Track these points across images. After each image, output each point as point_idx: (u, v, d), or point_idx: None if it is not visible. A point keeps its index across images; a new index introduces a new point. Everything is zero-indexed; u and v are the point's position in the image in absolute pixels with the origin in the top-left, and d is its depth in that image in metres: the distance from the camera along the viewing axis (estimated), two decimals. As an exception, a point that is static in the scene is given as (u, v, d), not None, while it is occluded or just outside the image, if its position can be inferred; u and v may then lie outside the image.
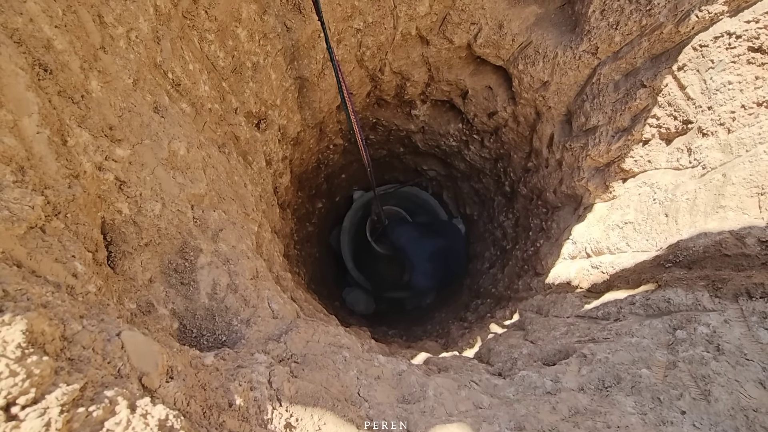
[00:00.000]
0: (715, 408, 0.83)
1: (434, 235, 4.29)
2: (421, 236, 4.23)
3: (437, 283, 4.26)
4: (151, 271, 1.04)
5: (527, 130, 2.91)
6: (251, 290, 1.20)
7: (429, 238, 4.23)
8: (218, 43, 1.57)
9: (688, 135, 1.73)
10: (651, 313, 1.35)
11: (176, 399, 0.58)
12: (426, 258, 4.13)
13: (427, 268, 4.15)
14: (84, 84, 0.88)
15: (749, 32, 1.44)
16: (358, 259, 4.96)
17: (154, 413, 0.49)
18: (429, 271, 4.15)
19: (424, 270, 4.14)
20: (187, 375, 0.63)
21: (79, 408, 0.43)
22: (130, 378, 0.53)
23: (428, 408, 0.98)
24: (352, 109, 1.97)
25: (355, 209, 4.92)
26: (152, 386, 0.56)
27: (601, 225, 2.15)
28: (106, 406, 0.45)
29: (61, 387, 0.42)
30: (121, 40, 1.07)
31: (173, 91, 1.35)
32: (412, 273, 4.17)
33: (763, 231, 1.21)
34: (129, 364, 0.54)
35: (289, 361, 0.99)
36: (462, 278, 4.34)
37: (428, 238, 4.22)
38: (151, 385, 0.55)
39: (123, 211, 0.98)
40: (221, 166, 1.53)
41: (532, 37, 2.32)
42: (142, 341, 0.58)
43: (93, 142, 0.88)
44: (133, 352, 0.56)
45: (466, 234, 4.59)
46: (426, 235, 4.25)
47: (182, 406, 0.58)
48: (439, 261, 4.17)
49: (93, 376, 0.47)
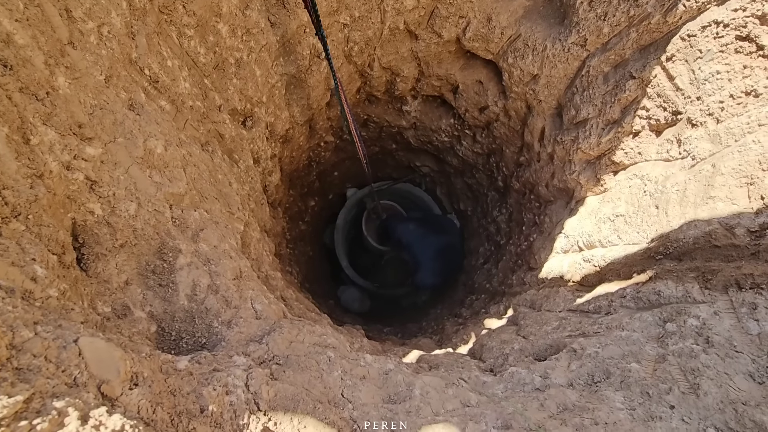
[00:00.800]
0: (704, 402, 0.82)
1: (435, 230, 4.26)
2: (423, 232, 4.20)
3: (442, 278, 4.22)
4: (128, 273, 1.01)
5: (518, 124, 2.89)
6: (233, 291, 1.17)
7: (431, 234, 4.20)
8: (198, 39, 1.53)
9: (677, 126, 1.71)
10: (642, 305, 1.34)
11: (140, 407, 0.55)
12: (431, 254, 4.10)
13: (433, 265, 4.12)
14: (49, 80, 0.85)
15: (736, 21, 1.43)
16: (353, 257, 4.94)
17: (109, 424, 0.46)
18: (435, 268, 4.12)
19: (430, 267, 4.11)
20: (154, 381, 0.60)
21: (22, 421, 0.40)
22: (88, 386, 0.50)
23: (414, 408, 0.96)
24: (345, 98, 1.89)
25: (349, 207, 4.88)
26: (113, 394, 0.53)
27: (592, 218, 2.13)
28: (53, 418, 0.42)
29: (2, 399, 0.39)
30: (91, 35, 1.03)
31: (151, 89, 1.31)
32: (418, 270, 4.13)
33: (752, 221, 1.20)
34: (87, 372, 0.51)
35: (270, 362, 0.97)
36: (458, 274, 4.33)
37: (430, 234, 4.19)
38: (111, 393, 0.53)
39: (95, 211, 0.95)
40: (203, 164, 1.50)
41: (521, 29, 2.29)
42: (103, 347, 0.55)
43: (60, 141, 0.85)
44: (92, 359, 0.53)
45: (461, 229, 4.57)
46: (427, 231, 4.22)
47: (147, 413, 0.55)
48: (443, 257, 4.15)
49: (42, 387, 0.44)
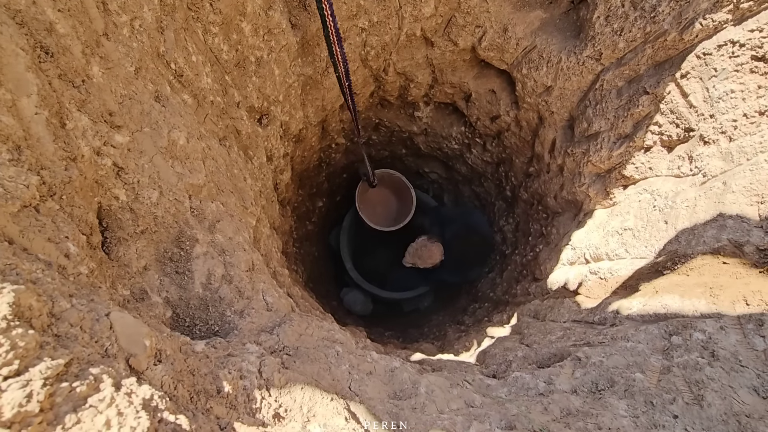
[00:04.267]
0: (707, 413, 0.82)
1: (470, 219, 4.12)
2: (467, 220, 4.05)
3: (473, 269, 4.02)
4: (146, 259, 1.04)
5: (529, 134, 2.91)
6: (246, 282, 1.19)
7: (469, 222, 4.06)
8: (222, 36, 1.57)
9: (689, 143, 1.72)
10: (647, 318, 1.35)
11: (163, 382, 0.57)
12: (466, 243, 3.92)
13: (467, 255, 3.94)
14: (85, 69, 0.89)
15: (753, 41, 1.44)
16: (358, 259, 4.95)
17: (139, 393, 0.48)
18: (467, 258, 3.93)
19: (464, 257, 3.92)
20: (175, 360, 0.63)
21: (63, 383, 0.43)
22: (117, 358, 0.53)
23: (419, 405, 0.97)
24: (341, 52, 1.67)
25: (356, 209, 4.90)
26: (139, 368, 0.55)
27: (600, 231, 2.14)
28: (90, 383, 0.44)
29: (46, 361, 0.42)
30: (124, 28, 1.07)
31: (175, 82, 1.35)
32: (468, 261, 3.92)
33: (761, 239, 1.21)
34: (117, 345, 0.54)
35: (281, 352, 0.99)
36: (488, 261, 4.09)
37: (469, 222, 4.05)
38: (138, 366, 0.55)
39: (120, 197, 0.98)
40: (221, 158, 1.54)
41: (537, 41, 2.32)
42: (132, 323, 0.58)
43: (92, 127, 0.88)
44: (122, 333, 0.55)
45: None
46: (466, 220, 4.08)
47: (169, 389, 0.58)
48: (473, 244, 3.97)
49: (79, 354, 0.47)
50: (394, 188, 4.34)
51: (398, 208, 4.41)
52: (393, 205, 4.47)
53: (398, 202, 4.42)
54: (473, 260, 3.99)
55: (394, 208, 4.46)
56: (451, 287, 4.46)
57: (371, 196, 4.30)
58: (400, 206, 4.39)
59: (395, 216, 4.35)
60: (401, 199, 4.36)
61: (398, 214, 4.30)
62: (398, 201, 4.42)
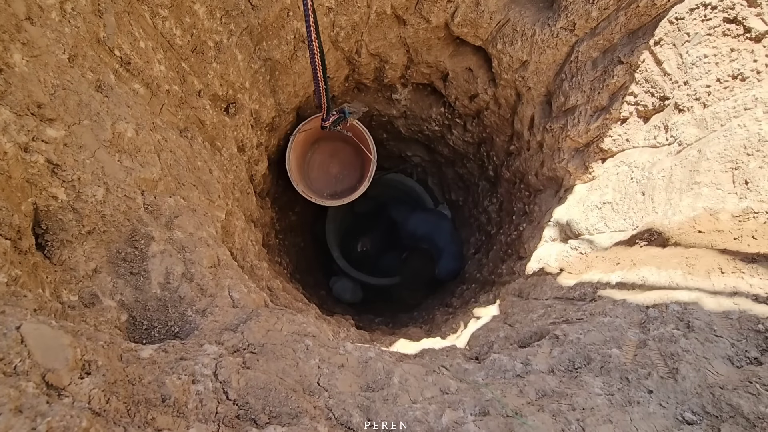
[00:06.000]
0: (682, 386, 0.81)
1: (428, 221, 4.14)
2: (435, 220, 4.04)
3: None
4: (96, 261, 0.98)
5: (508, 112, 2.86)
6: (209, 279, 1.14)
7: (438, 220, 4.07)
8: (173, 20, 1.48)
9: (665, 112, 1.69)
10: (625, 292, 1.33)
11: (91, 396, 0.53)
12: (450, 240, 3.93)
13: (455, 250, 3.94)
14: (2, 56, 0.81)
15: (725, 2, 1.40)
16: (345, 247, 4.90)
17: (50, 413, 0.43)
18: (457, 253, 3.93)
19: (453, 252, 3.93)
20: (109, 369, 0.58)
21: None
22: (30, 375, 0.48)
23: (391, 395, 0.94)
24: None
25: (340, 198, 4.83)
26: (60, 383, 0.50)
27: (580, 206, 2.12)
28: (-19, 408, 0.39)
29: None
30: (52, 11, 0.98)
31: (122, 70, 1.26)
32: (443, 258, 3.92)
33: (736, 205, 1.19)
34: (29, 360, 0.49)
35: (244, 351, 0.94)
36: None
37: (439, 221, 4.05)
38: (58, 382, 0.50)
39: (59, 196, 0.91)
40: (181, 150, 1.46)
41: (510, 14, 2.25)
42: (50, 334, 0.52)
43: (16, 121, 0.81)
44: (36, 346, 0.50)
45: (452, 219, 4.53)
46: (435, 218, 4.08)
47: (99, 403, 0.53)
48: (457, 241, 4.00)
49: (-27, 375, 0.42)
50: (349, 142, 3.29)
51: (350, 171, 3.35)
52: (347, 166, 3.36)
53: (353, 161, 3.37)
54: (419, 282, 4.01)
55: (347, 170, 3.35)
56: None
57: (321, 150, 3.27)
58: (352, 167, 3.34)
59: (346, 180, 3.29)
60: (355, 159, 3.33)
61: (349, 178, 3.27)
62: (353, 160, 3.37)
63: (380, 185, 4.80)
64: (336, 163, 3.46)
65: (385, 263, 4.68)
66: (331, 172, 3.46)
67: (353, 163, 3.57)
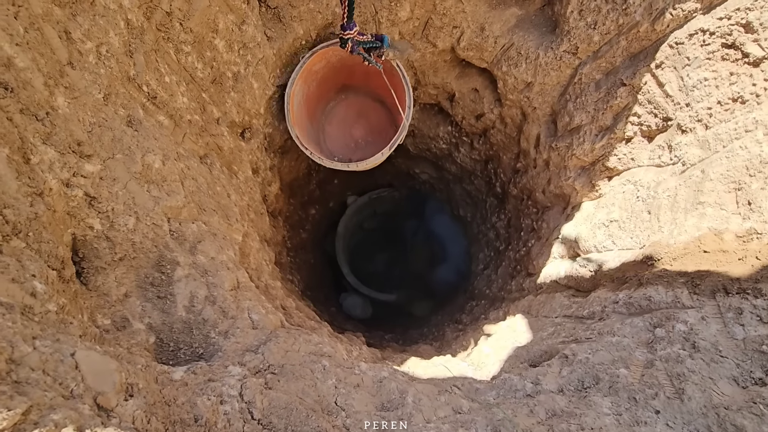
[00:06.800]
0: (688, 407, 0.83)
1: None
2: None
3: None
4: (127, 286, 1.04)
5: (514, 131, 2.92)
6: (230, 301, 1.19)
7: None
8: (196, 55, 1.57)
9: (668, 132, 1.73)
10: (633, 311, 1.35)
11: (135, 417, 0.57)
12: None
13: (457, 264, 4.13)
14: (49, 101, 0.89)
15: (722, 29, 1.45)
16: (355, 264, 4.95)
17: (104, 434, 0.49)
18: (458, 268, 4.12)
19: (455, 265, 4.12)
20: (149, 392, 0.63)
21: (19, 432, 0.43)
22: (84, 398, 0.53)
23: (406, 415, 0.97)
24: None
25: (350, 214, 4.91)
26: (108, 405, 0.55)
27: (588, 224, 2.15)
28: (50, 430, 0.44)
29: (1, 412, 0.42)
30: (90, 55, 1.07)
31: (149, 104, 1.35)
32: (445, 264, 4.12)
33: (739, 226, 1.21)
34: (83, 384, 0.54)
35: (265, 372, 0.99)
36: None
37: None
38: (107, 404, 0.55)
39: (95, 226, 0.98)
40: (202, 177, 1.53)
41: (514, 38, 2.33)
42: (99, 360, 0.58)
43: (59, 159, 0.88)
44: (88, 371, 0.55)
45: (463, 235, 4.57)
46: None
47: (141, 424, 0.58)
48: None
49: (39, 399, 0.47)
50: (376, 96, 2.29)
51: (377, 139, 2.46)
52: (375, 132, 2.47)
53: (385, 127, 2.48)
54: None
55: (374, 137, 2.46)
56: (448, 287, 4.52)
57: (347, 103, 2.37)
58: (381, 136, 2.44)
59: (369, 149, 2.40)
60: (387, 125, 2.42)
61: (374, 148, 2.36)
62: (385, 126, 2.48)
63: (387, 204, 4.87)
64: (362, 126, 2.55)
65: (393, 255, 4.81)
66: (353, 134, 2.56)
67: (384, 130, 2.59)
